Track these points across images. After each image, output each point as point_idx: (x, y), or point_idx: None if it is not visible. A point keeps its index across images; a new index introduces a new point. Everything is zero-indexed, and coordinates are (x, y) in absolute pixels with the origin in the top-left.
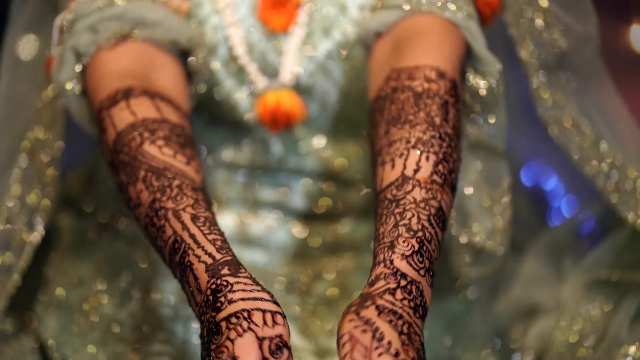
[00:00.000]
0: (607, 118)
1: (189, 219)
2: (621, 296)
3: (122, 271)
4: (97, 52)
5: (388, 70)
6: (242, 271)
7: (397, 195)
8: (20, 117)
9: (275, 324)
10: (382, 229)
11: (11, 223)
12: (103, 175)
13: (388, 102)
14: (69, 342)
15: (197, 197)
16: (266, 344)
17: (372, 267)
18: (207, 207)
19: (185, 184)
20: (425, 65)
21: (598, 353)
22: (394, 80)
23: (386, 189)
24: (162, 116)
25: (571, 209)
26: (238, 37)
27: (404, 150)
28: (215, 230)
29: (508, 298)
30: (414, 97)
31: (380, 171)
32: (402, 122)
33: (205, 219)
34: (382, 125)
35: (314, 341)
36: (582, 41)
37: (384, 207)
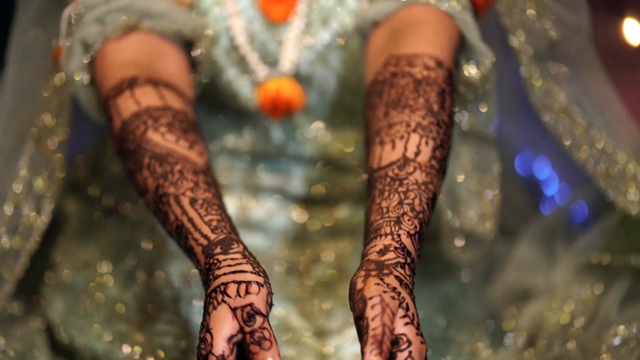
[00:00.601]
0: (598, 105)
1: (188, 203)
2: (611, 279)
3: (126, 254)
4: (104, 43)
5: (386, 56)
6: (233, 247)
7: (400, 174)
8: (27, 106)
9: (247, 293)
10: (386, 203)
11: (19, 208)
12: (108, 161)
13: (387, 86)
14: (75, 322)
15: (198, 179)
16: (239, 314)
17: (372, 233)
18: (207, 187)
19: (187, 168)
20: (424, 54)
21: (588, 333)
22: (393, 66)
23: (387, 167)
24: (165, 103)
25: (564, 198)
26: (239, 27)
27: (404, 133)
28: (212, 211)
29: (502, 282)
30: (413, 83)
31: (378, 150)
32: (403, 106)
33: (204, 201)
34: (380, 108)
35: (313, 322)
36: (573, 31)
37: (386, 184)
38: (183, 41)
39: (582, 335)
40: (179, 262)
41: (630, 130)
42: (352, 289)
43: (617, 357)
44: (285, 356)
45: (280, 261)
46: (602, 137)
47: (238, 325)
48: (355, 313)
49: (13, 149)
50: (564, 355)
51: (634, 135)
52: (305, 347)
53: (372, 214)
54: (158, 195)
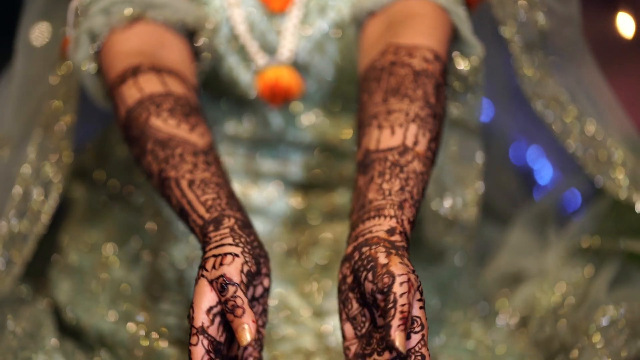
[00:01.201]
0: (589, 94)
1: (187, 186)
2: (601, 262)
3: (131, 237)
4: (110, 34)
5: (384, 45)
6: (224, 223)
7: (400, 161)
8: (36, 93)
9: (221, 264)
10: (387, 185)
11: (27, 192)
12: (113, 147)
13: (386, 74)
14: (81, 303)
15: (197, 160)
16: (214, 286)
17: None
18: (206, 167)
19: (187, 150)
20: (423, 46)
21: (579, 314)
22: (393, 55)
23: (386, 150)
24: (167, 90)
25: (557, 186)
26: (239, 17)
27: (403, 122)
28: (208, 190)
29: (495, 266)
30: (413, 74)
31: (376, 133)
32: (402, 95)
33: (201, 181)
34: (379, 93)
35: (312, 302)
36: (564, 21)
37: (386, 167)
38: (186, 31)
39: (572, 315)
40: (182, 244)
41: (620, 118)
42: (371, 261)
43: (607, 336)
44: (284, 335)
45: (280, 244)
46: (592, 124)
47: (217, 297)
48: (377, 286)
49: (22, 135)
50: (555, 336)
51: (624, 123)
52: (304, 326)
53: (371, 192)
54: (161, 180)
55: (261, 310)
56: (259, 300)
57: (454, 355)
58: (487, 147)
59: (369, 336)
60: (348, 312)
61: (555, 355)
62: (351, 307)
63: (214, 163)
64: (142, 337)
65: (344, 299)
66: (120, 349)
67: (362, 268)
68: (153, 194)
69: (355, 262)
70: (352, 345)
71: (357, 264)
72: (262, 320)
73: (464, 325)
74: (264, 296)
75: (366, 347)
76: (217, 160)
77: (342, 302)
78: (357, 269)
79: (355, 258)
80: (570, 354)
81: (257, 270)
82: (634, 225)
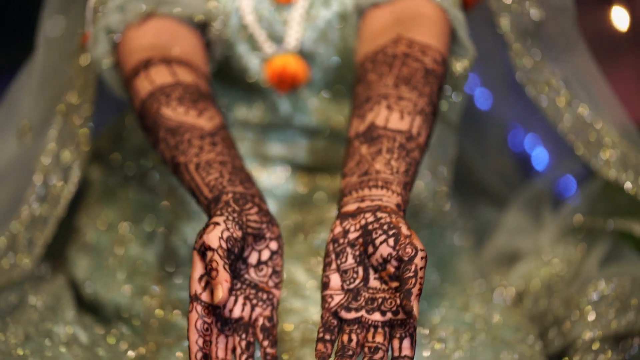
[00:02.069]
0: (581, 80)
1: (194, 169)
2: (593, 240)
3: (146, 216)
4: (125, 30)
5: (395, 35)
6: (222, 199)
7: (407, 146)
8: (54, 84)
9: (202, 234)
10: (396, 164)
11: (47, 178)
12: (129, 132)
13: (399, 62)
14: (99, 279)
15: (203, 143)
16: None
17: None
18: (211, 148)
19: (194, 135)
20: (434, 47)
21: (571, 289)
22: (406, 47)
23: (395, 131)
24: (176, 79)
25: (552, 171)
26: (248, 8)
27: (412, 111)
28: (212, 171)
29: (492, 245)
30: (423, 70)
31: (384, 111)
32: (412, 87)
33: (206, 163)
34: (390, 77)
35: (318, 278)
36: (558, 12)
37: (395, 147)
38: (197, 24)
39: (565, 291)
40: (195, 222)
41: (612, 105)
42: (392, 228)
43: (598, 310)
44: (292, 308)
45: (287, 223)
46: (584, 108)
47: (204, 265)
48: (398, 253)
49: (42, 124)
50: (549, 310)
51: (617, 110)
52: (310, 299)
53: (379, 164)
54: (174, 165)
55: (271, 271)
56: (267, 263)
57: (452, 327)
58: (486, 134)
59: (356, 292)
60: (339, 265)
61: (549, 328)
62: (345, 260)
63: (220, 142)
64: (157, 310)
65: (338, 251)
66: (136, 321)
67: (381, 232)
68: (167, 175)
69: (369, 224)
70: (335, 295)
71: (372, 225)
72: (273, 281)
73: (462, 300)
74: (272, 258)
75: (352, 301)
76: (224, 140)
77: (336, 254)
78: (371, 230)
79: (368, 219)
80: (563, 326)
81: (260, 235)
82: (624, 205)
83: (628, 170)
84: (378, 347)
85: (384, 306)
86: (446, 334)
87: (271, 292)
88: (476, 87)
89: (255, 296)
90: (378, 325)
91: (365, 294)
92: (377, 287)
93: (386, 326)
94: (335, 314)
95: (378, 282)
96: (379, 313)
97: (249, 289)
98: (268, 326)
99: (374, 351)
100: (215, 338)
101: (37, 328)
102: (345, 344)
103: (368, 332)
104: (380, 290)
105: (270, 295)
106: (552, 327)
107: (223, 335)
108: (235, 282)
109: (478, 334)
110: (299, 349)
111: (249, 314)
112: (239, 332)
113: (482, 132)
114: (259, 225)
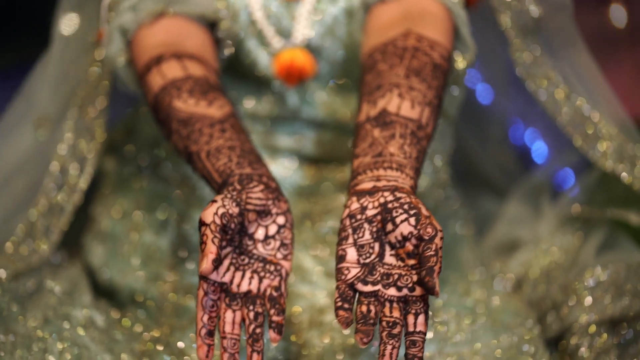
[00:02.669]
0: (579, 75)
1: (205, 157)
2: (590, 229)
3: (159, 206)
4: (138, 29)
5: (404, 29)
6: (228, 182)
7: (418, 134)
8: (70, 78)
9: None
10: (408, 149)
11: (64, 168)
12: (142, 124)
13: (409, 54)
14: (114, 265)
15: (213, 131)
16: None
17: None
18: (220, 135)
19: (205, 124)
20: (442, 44)
21: (569, 275)
22: (416, 41)
23: (407, 119)
24: (187, 73)
25: (551, 163)
26: (257, 5)
27: (422, 102)
28: (221, 156)
29: (493, 235)
30: (432, 64)
31: (396, 99)
32: (422, 79)
33: (216, 150)
34: (401, 68)
35: (325, 265)
36: (556, 9)
37: (407, 133)
38: (206, 22)
39: (563, 277)
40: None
41: (609, 98)
42: (413, 208)
43: (594, 295)
44: (299, 293)
45: (295, 212)
46: (581, 102)
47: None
48: (419, 232)
49: (59, 116)
50: (547, 295)
51: (613, 103)
52: (317, 285)
53: (393, 147)
54: (187, 155)
55: (279, 244)
56: (275, 237)
57: (454, 311)
58: (488, 128)
59: (372, 267)
60: (356, 239)
61: (547, 313)
62: (362, 235)
63: (229, 129)
64: (170, 294)
65: (356, 226)
66: (150, 305)
67: (402, 211)
68: (179, 165)
69: (389, 202)
70: (352, 268)
71: (392, 204)
72: (281, 253)
73: (464, 286)
74: (280, 232)
75: (368, 275)
76: (233, 126)
77: (353, 228)
78: (391, 208)
79: (387, 198)
80: (561, 311)
81: (266, 211)
82: (620, 195)
83: (624, 162)
84: (396, 322)
85: (400, 282)
86: (448, 317)
87: (279, 264)
88: (478, 83)
89: (263, 269)
90: (394, 300)
91: (380, 269)
92: (392, 263)
93: (401, 302)
94: (352, 286)
95: (394, 259)
96: (394, 289)
97: (257, 263)
98: (275, 295)
99: (392, 325)
100: (223, 313)
101: (55, 312)
102: (365, 314)
103: (384, 306)
104: (396, 266)
105: (279, 267)
106: (550, 312)
107: (230, 310)
108: (243, 257)
109: (479, 318)
110: (306, 331)
111: (257, 286)
112: (248, 304)
113: (484, 126)
114: (263, 202)
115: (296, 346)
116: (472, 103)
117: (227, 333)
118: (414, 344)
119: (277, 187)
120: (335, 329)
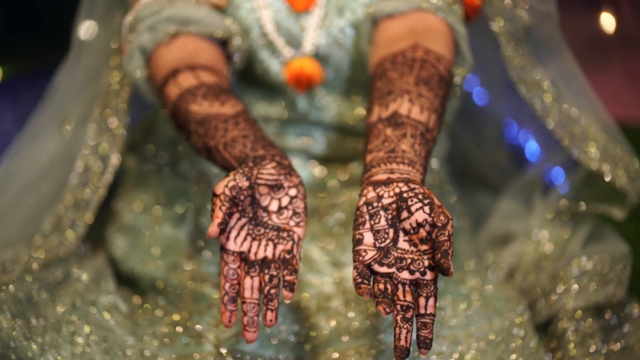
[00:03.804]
0: (565, 79)
1: (222, 149)
2: (578, 223)
3: (178, 201)
4: (156, 47)
5: (412, 42)
6: (244, 163)
7: (427, 135)
8: (93, 82)
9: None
10: (419, 148)
11: (88, 166)
12: (161, 125)
13: (417, 65)
14: (136, 256)
15: (227, 125)
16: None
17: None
18: (233, 127)
19: (220, 120)
20: (447, 58)
21: (557, 265)
22: (424, 54)
23: (417, 122)
24: (200, 81)
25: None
26: (268, 17)
27: (429, 108)
28: (236, 145)
29: (488, 228)
30: (438, 76)
31: (407, 104)
32: (430, 88)
33: (232, 140)
34: (411, 77)
35: (331, 255)
36: (543, 17)
37: (417, 134)
38: (217, 40)
39: (552, 267)
40: None
41: (593, 101)
42: (427, 198)
43: (580, 284)
44: (308, 282)
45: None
46: (569, 105)
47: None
48: (433, 219)
49: (83, 116)
50: (537, 284)
51: (597, 106)
52: (324, 274)
53: (405, 145)
54: (207, 151)
55: (291, 213)
56: (287, 207)
57: (450, 297)
58: (484, 129)
59: (387, 250)
60: (373, 225)
61: (537, 300)
62: (378, 221)
63: (242, 122)
64: (189, 282)
65: (372, 213)
66: (170, 293)
67: (417, 200)
68: (196, 163)
69: (404, 192)
70: (369, 250)
71: (407, 194)
72: (294, 220)
73: (459, 275)
74: (292, 202)
75: (384, 258)
76: (246, 120)
77: (370, 215)
78: (406, 198)
79: (402, 188)
80: (549, 298)
81: (278, 185)
82: (604, 192)
83: (607, 161)
84: (409, 306)
85: (413, 266)
86: (445, 303)
87: (292, 230)
88: (475, 87)
89: (277, 236)
90: (406, 283)
91: (394, 253)
92: (405, 248)
93: (412, 284)
94: (369, 267)
95: (407, 244)
96: (407, 272)
97: (271, 232)
98: (287, 257)
99: (406, 309)
100: (242, 280)
101: (82, 298)
102: (382, 290)
103: (397, 289)
104: (409, 251)
105: (291, 233)
106: (540, 299)
107: (249, 277)
108: (259, 228)
109: (473, 304)
110: (314, 315)
111: (272, 252)
112: (264, 269)
113: (481, 127)
114: (275, 177)
115: (305, 329)
116: (469, 105)
117: (247, 298)
118: (425, 325)
119: (289, 164)
120: (341, 313)
